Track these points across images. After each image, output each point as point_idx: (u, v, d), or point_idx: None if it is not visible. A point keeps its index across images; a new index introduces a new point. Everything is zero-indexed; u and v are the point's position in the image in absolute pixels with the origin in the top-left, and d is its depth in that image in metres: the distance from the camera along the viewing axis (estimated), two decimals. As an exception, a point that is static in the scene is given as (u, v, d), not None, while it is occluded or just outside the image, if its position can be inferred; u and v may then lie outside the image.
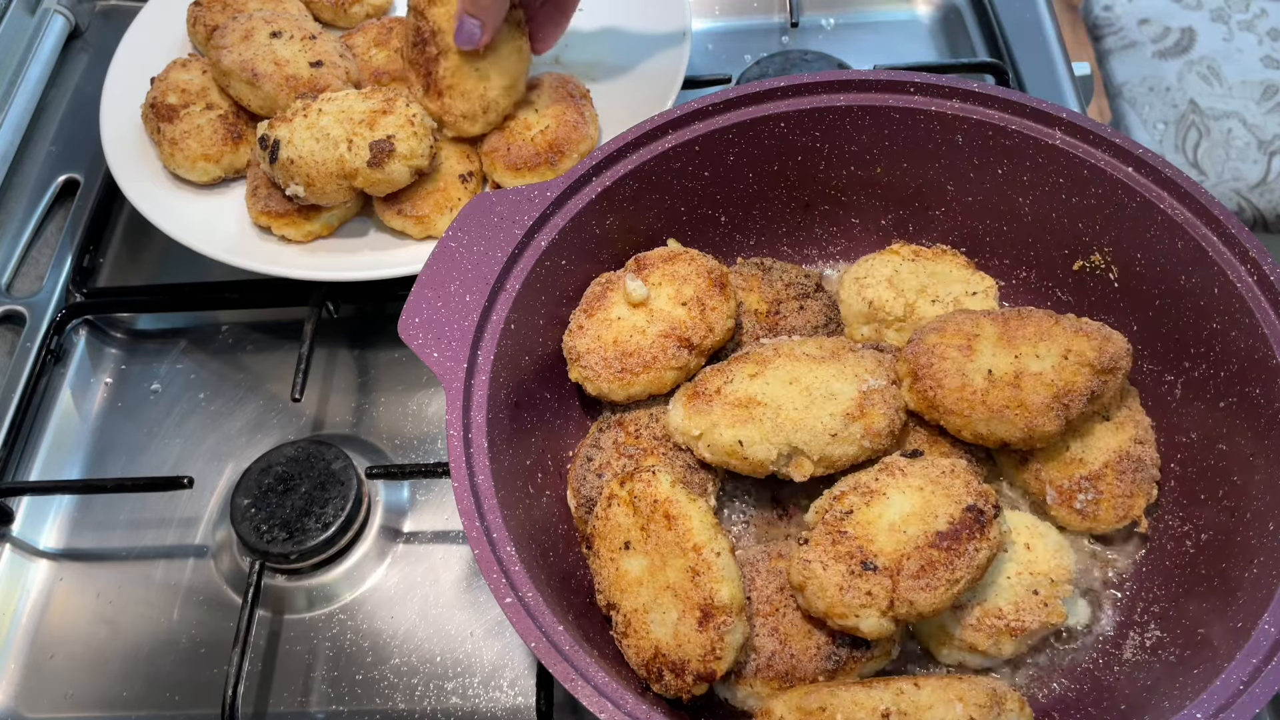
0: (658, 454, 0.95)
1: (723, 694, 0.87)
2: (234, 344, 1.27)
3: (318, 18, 1.44)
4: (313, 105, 1.19)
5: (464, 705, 1.01)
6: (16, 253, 1.37)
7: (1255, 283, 0.89)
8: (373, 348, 1.25)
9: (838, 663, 0.84)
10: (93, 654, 1.07)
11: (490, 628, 1.05)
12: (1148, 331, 0.98)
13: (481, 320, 0.92)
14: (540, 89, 1.28)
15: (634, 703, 0.75)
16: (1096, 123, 0.97)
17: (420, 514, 1.13)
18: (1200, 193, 0.92)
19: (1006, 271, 1.09)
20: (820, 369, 0.93)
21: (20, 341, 1.27)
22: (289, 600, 1.08)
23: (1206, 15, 2.29)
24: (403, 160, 1.16)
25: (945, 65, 1.38)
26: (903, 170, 1.07)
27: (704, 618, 0.80)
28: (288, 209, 1.22)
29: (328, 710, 1.01)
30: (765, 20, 1.56)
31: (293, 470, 1.10)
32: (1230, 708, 0.72)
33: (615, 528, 0.87)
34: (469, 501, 0.83)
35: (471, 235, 0.96)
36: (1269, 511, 0.84)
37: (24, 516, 1.16)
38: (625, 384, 0.97)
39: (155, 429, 1.21)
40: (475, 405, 0.89)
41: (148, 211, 1.24)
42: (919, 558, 0.81)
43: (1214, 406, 0.92)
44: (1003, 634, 0.86)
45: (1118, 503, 0.93)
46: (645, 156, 1.02)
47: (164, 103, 1.29)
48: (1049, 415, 0.90)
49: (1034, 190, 1.03)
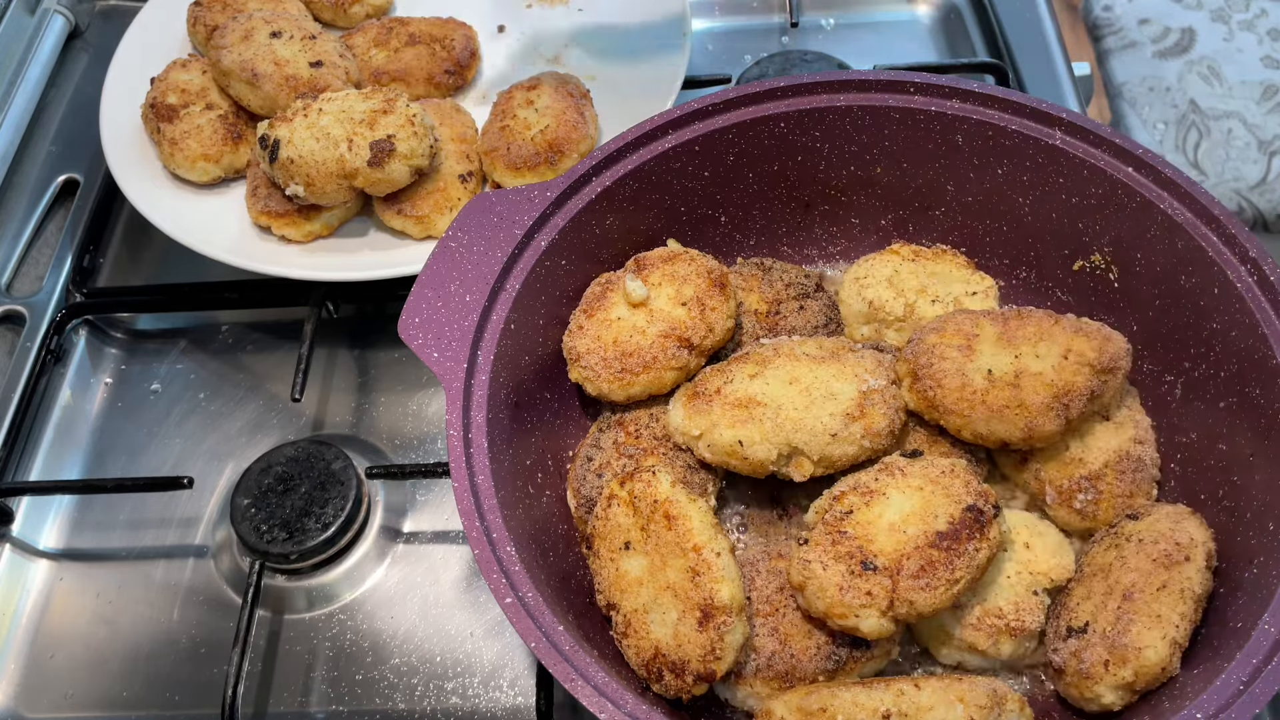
0: (658, 454, 0.95)
1: (723, 694, 0.87)
2: (234, 344, 1.27)
3: (318, 18, 1.44)
4: (313, 105, 1.19)
5: (464, 705, 1.01)
6: (16, 253, 1.36)
7: (1255, 283, 0.89)
8: (373, 348, 1.25)
9: (838, 663, 0.84)
10: (93, 654, 1.07)
11: (490, 628, 1.05)
12: (1148, 331, 0.98)
13: (481, 320, 0.92)
14: (540, 89, 1.28)
15: (634, 703, 0.75)
16: (1096, 123, 0.97)
17: (420, 514, 1.13)
18: (1200, 193, 0.92)
19: (1006, 271, 1.09)
20: (820, 369, 0.93)
21: (20, 341, 1.27)
22: (289, 600, 1.08)
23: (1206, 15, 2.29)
24: (403, 160, 1.16)
25: (945, 65, 1.38)
26: (903, 170, 1.07)
27: (704, 618, 0.80)
28: (288, 209, 1.22)
29: (328, 710, 1.01)
30: (765, 20, 1.56)
31: (293, 470, 1.10)
32: (1230, 708, 0.72)
33: (615, 528, 0.87)
34: (469, 501, 0.83)
35: (471, 235, 0.96)
36: (1269, 511, 0.84)
37: (24, 516, 1.16)
38: (625, 384, 0.97)
39: (155, 429, 1.21)
40: (475, 405, 0.89)
41: (148, 211, 1.24)
42: (919, 558, 0.81)
43: (1214, 406, 0.92)
44: (1003, 634, 0.86)
45: (1118, 503, 0.93)
46: (645, 156, 1.02)
47: (164, 103, 1.29)
48: (1049, 415, 0.90)
49: (1034, 190, 1.03)
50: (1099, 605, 0.84)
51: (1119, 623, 0.81)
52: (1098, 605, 0.84)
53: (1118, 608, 0.82)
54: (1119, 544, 0.87)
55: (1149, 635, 0.80)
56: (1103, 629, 0.82)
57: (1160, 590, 0.82)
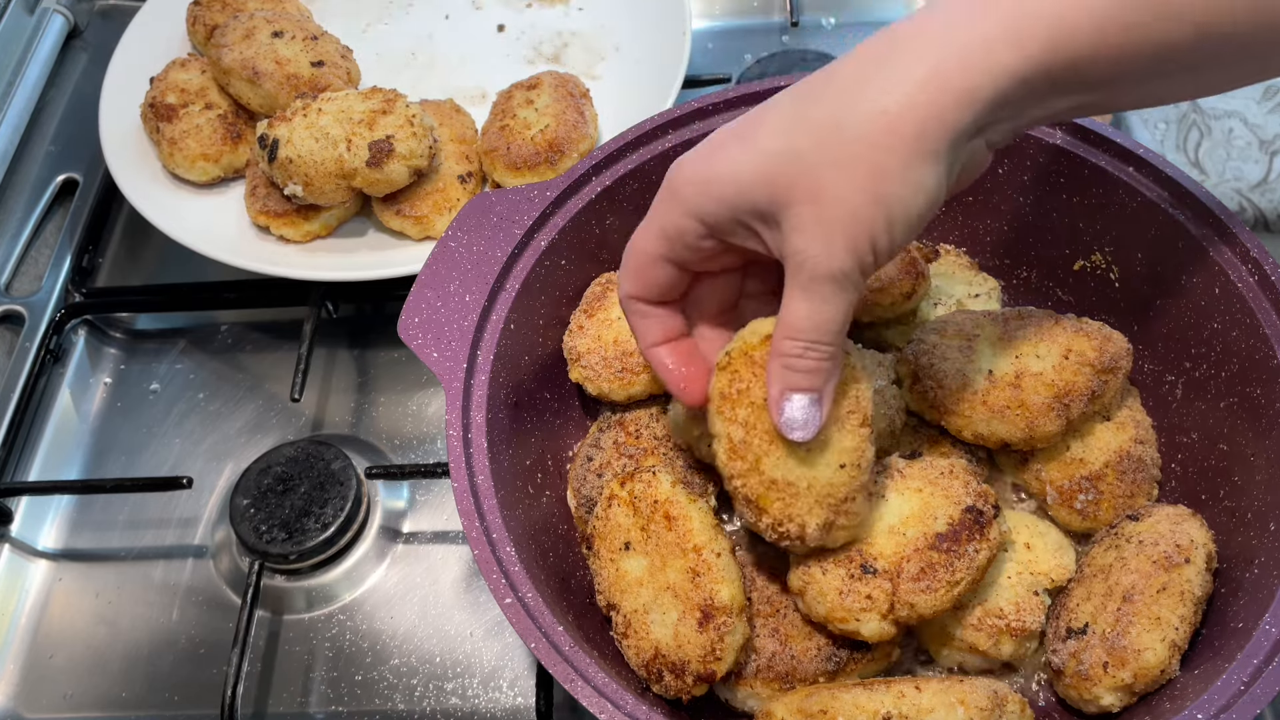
0: (658, 454, 0.95)
1: (723, 695, 0.87)
2: (233, 344, 1.27)
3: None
4: (312, 105, 1.19)
5: (464, 706, 1.01)
6: (15, 253, 1.36)
7: (1256, 283, 0.89)
8: (372, 348, 1.25)
9: (838, 664, 0.84)
10: (92, 654, 1.07)
11: (490, 628, 1.05)
12: (1148, 331, 0.98)
13: (481, 320, 0.92)
14: (540, 89, 1.28)
15: (634, 703, 0.75)
16: (1097, 123, 0.97)
17: (420, 514, 1.13)
18: (1201, 193, 0.92)
19: (1007, 271, 1.09)
20: (820, 369, 0.93)
21: (19, 341, 1.27)
22: (288, 600, 1.08)
23: (1207, 15, 2.29)
24: (402, 160, 1.16)
25: (945, 65, 1.38)
26: (903, 170, 1.07)
27: (704, 618, 0.80)
28: (287, 209, 1.21)
29: (327, 710, 1.01)
30: (765, 20, 1.56)
31: (292, 470, 1.10)
32: (1231, 708, 0.72)
33: (615, 528, 0.87)
34: (469, 501, 0.83)
35: (471, 235, 0.96)
36: (1269, 511, 0.84)
37: (23, 517, 1.16)
38: (625, 384, 0.97)
39: (154, 429, 1.21)
40: (475, 405, 0.89)
41: (147, 211, 1.23)
42: (919, 560, 0.81)
43: (1214, 406, 0.92)
44: (1003, 634, 0.85)
45: (1118, 503, 0.92)
46: (645, 156, 1.02)
47: (163, 102, 1.29)
48: (1049, 415, 0.89)
49: (1034, 190, 1.02)
50: (1099, 607, 0.83)
51: (1118, 624, 0.81)
52: (1097, 606, 0.84)
53: (1117, 609, 0.82)
54: (1119, 545, 0.87)
55: (1148, 637, 0.80)
56: (1102, 630, 0.82)
57: (1160, 592, 0.82)
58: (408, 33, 1.49)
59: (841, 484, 0.77)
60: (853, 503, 0.77)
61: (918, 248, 1.02)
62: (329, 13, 1.48)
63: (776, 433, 0.75)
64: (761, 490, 0.77)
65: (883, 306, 0.98)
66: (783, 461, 0.76)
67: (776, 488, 0.76)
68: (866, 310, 0.98)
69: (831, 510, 0.77)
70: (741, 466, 0.77)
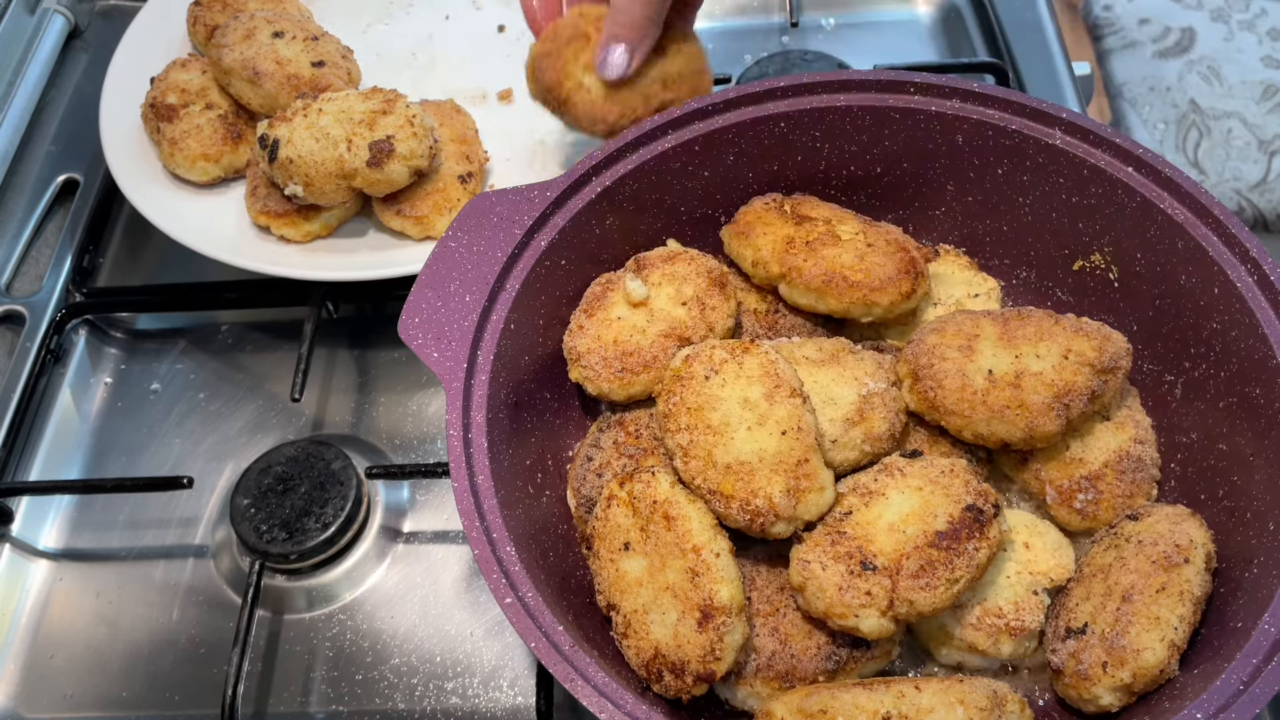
0: (658, 454, 0.95)
1: (723, 694, 0.87)
2: (234, 344, 1.27)
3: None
4: (312, 105, 1.19)
5: (464, 705, 1.01)
6: (16, 253, 1.36)
7: (1255, 283, 0.89)
8: (372, 348, 1.25)
9: (838, 663, 0.84)
10: (92, 654, 1.07)
11: (490, 628, 1.05)
12: (1148, 331, 0.98)
13: (481, 320, 0.92)
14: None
15: (634, 703, 0.75)
16: (1096, 123, 0.97)
17: (420, 514, 1.13)
18: (1200, 193, 0.92)
19: (1007, 272, 1.09)
20: (820, 373, 0.93)
21: (20, 341, 1.27)
22: (289, 600, 1.08)
23: (1206, 15, 2.29)
24: (402, 160, 1.16)
25: (945, 65, 1.38)
26: (903, 170, 1.07)
27: (704, 618, 0.80)
28: (287, 209, 1.22)
29: (327, 710, 1.01)
30: (765, 20, 1.56)
31: (292, 470, 1.10)
32: (1230, 708, 0.72)
33: (615, 528, 0.87)
34: (469, 501, 0.83)
35: (471, 235, 0.96)
36: (1269, 511, 0.84)
37: (23, 516, 1.16)
38: (625, 384, 0.97)
39: (155, 429, 1.21)
40: (475, 405, 0.89)
41: (147, 211, 1.23)
42: (918, 557, 0.81)
43: (1214, 406, 0.92)
44: (1003, 634, 0.86)
45: (1117, 502, 0.92)
46: (645, 156, 1.02)
47: (164, 103, 1.29)
48: (1049, 415, 0.90)
49: (1034, 190, 1.03)
50: (1098, 606, 0.84)
51: (1117, 624, 0.81)
52: (1097, 606, 0.84)
53: (1116, 609, 0.82)
54: (1118, 545, 0.87)
55: (1147, 637, 0.80)
56: (1101, 630, 0.82)
57: (1159, 592, 0.82)
58: (408, 33, 1.49)
59: (789, 449, 0.83)
60: (807, 464, 0.83)
61: (918, 248, 1.02)
62: (329, 13, 1.48)
63: (717, 424, 0.85)
64: (720, 478, 0.83)
65: (883, 306, 0.98)
66: (730, 445, 0.84)
67: (733, 471, 0.83)
68: (866, 310, 0.98)
69: (789, 475, 0.83)
70: (698, 465, 0.84)
